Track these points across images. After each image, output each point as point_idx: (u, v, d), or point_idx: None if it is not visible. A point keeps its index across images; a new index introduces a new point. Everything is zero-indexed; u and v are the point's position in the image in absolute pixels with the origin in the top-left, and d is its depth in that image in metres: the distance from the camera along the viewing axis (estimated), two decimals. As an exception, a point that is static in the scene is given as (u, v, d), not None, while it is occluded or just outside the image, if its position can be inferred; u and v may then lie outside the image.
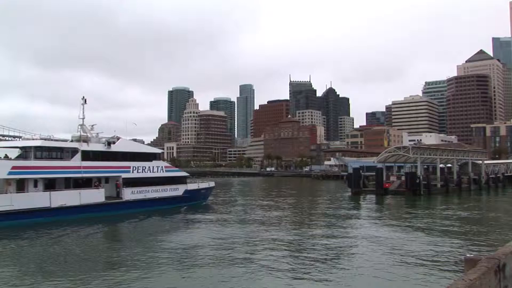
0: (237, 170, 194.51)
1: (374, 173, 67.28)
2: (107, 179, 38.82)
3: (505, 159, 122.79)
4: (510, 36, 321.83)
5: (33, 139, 37.39)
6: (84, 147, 36.52)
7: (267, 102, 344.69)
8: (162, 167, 43.79)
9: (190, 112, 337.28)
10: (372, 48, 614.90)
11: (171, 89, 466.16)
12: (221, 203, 51.84)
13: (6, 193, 31.30)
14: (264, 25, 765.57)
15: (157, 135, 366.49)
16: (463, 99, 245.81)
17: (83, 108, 38.70)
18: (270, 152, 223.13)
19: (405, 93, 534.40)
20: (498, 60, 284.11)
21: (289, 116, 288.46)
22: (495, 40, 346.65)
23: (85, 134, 38.37)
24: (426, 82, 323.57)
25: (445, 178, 67.06)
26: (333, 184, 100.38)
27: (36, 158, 33.61)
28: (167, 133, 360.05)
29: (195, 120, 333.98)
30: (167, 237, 27.79)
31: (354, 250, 22.64)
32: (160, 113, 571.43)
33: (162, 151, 46.60)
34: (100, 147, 38.27)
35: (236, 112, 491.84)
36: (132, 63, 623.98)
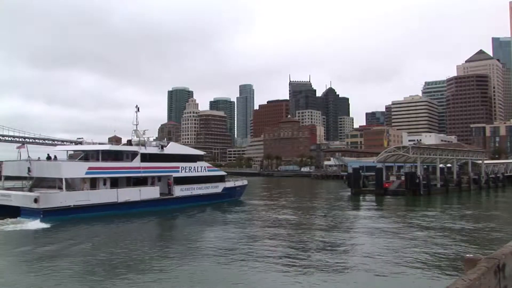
0: (237, 170, 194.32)
1: (373, 173, 67.29)
2: (159, 178, 43.10)
3: (505, 159, 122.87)
4: (510, 36, 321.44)
5: (93, 143, 43.23)
6: (142, 150, 41.16)
7: (267, 102, 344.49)
8: (204, 167, 48.82)
9: (190, 112, 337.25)
10: (372, 47, 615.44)
11: (170, 89, 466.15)
12: (251, 200, 55.55)
13: (83, 190, 35.78)
14: (264, 25, 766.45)
15: (156, 135, 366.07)
16: (463, 99, 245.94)
17: (137, 116, 43.53)
18: (270, 152, 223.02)
19: (405, 93, 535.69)
20: (498, 60, 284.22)
21: (288, 116, 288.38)
22: (495, 40, 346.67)
23: (142, 138, 43.28)
24: (425, 82, 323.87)
25: (445, 178, 67.11)
26: (333, 184, 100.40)
27: (103, 160, 38.41)
28: (167, 133, 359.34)
29: (195, 120, 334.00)
30: (213, 227, 31.99)
31: (353, 250, 22.65)
32: (160, 113, 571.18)
33: (205, 153, 52.02)
34: (155, 150, 42.98)
35: (235, 112, 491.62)
36: (131, 63, 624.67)
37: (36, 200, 31.79)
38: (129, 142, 43.64)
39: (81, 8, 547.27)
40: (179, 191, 43.45)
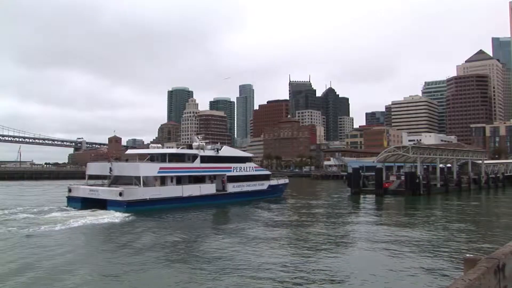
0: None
1: (373, 173, 67.24)
2: (215, 176, 48.68)
3: (505, 159, 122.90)
4: (510, 36, 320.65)
5: (158, 147, 51.67)
6: (201, 153, 47.39)
7: (267, 102, 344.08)
8: (252, 167, 54.96)
9: (190, 112, 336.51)
10: (372, 47, 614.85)
11: (170, 89, 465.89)
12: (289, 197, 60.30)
13: (155, 186, 41.87)
14: (264, 25, 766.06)
15: (156, 135, 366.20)
16: (463, 99, 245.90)
17: (197, 124, 47.77)
18: (269, 152, 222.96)
19: (405, 93, 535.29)
20: (498, 60, 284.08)
21: (288, 116, 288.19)
22: (495, 40, 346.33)
23: (201, 143, 49.88)
24: (425, 82, 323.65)
25: (445, 178, 67.08)
26: (333, 184, 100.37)
27: (169, 161, 44.65)
28: (166, 133, 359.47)
29: (195, 120, 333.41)
30: (264, 218, 36.30)
31: (353, 250, 22.63)
32: (160, 113, 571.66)
33: (252, 155, 64.42)
34: (212, 153, 49.33)
35: (235, 112, 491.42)
36: (130, 63, 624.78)
37: (121, 194, 37.57)
38: (190, 146, 50.83)
39: (78, 7, 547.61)
40: (231, 187, 49.49)
